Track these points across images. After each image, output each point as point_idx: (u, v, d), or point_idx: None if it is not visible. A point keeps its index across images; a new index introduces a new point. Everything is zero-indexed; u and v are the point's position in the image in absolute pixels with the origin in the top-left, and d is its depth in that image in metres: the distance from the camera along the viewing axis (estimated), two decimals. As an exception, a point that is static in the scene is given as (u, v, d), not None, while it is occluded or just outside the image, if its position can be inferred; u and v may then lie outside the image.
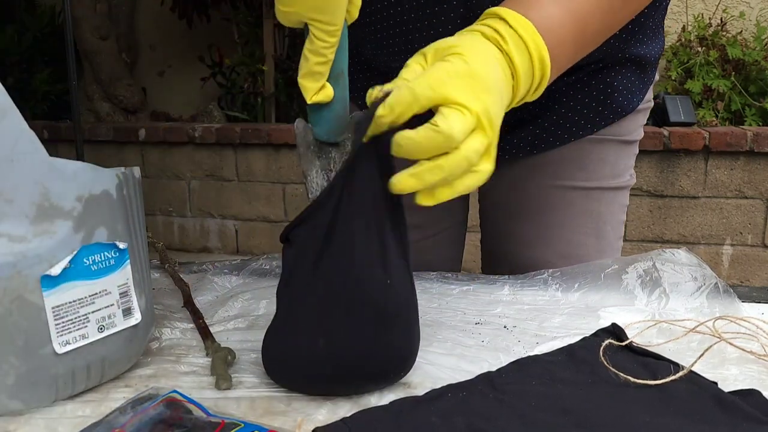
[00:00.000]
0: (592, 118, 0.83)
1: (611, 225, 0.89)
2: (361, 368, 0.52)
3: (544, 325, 0.66)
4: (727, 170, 2.67)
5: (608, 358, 0.53)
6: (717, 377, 0.53)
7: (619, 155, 0.87)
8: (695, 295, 0.71)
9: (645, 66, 0.84)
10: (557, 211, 0.87)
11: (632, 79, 0.83)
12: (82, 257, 0.51)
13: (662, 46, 0.86)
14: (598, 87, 0.82)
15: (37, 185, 0.48)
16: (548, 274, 0.78)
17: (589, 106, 0.82)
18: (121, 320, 0.54)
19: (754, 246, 2.73)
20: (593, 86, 0.82)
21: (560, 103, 0.82)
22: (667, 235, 2.77)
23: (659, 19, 0.83)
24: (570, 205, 0.87)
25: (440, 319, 0.68)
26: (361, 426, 0.46)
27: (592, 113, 0.83)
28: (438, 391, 0.51)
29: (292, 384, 0.54)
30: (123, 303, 0.54)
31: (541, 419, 0.47)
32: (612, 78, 0.82)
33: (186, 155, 3.22)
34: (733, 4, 3.17)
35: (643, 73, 0.84)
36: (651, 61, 0.84)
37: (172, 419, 0.45)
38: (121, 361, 0.56)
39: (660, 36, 0.85)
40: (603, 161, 0.86)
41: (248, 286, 0.78)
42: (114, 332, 0.54)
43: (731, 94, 2.90)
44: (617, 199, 0.89)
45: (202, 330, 0.65)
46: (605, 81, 0.81)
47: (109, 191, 0.53)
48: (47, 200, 0.48)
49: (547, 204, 0.87)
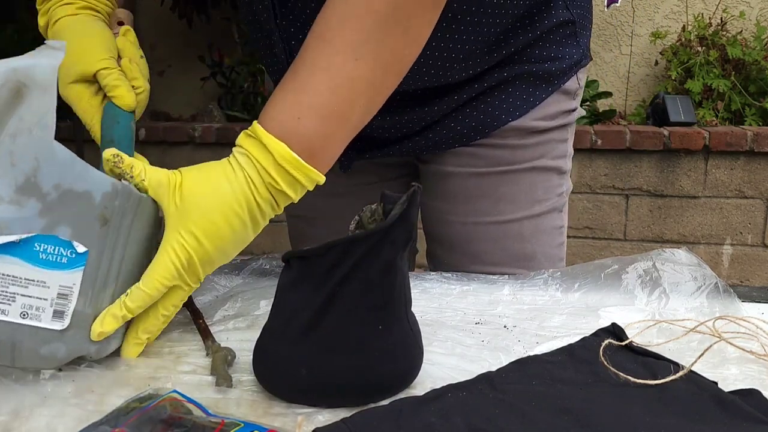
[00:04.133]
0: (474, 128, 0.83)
1: (542, 253, 0.88)
2: (352, 393, 0.52)
3: (544, 325, 0.66)
4: (727, 170, 2.67)
5: (608, 358, 0.53)
6: (717, 377, 0.53)
7: (533, 181, 0.86)
8: (695, 295, 0.71)
9: (543, 80, 0.83)
10: (479, 242, 0.87)
11: (522, 96, 0.82)
12: (34, 241, 0.51)
13: (576, 56, 0.84)
14: (481, 106, 0.82)
15: (34, 160, 0.50)
16: (548, 274, 0.78)
17: (470, 124, 0.83)
18: (48, 318, 0.53)
19: (754, 246, 2.73)
20: (478, 104, 0.82)
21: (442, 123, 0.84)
22: (667, 235, 2.77)
23: (564, 34, 0.82)
24: (491, 238, 0.87)
25: (440, 319, 0.68)
26: (361, 426, 0.45)
27: (473, 127, 0.83)
28: (438, 391, 0.51)
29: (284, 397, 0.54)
30: (58, 304, 0.53)
31: (541, 419, 0.47)
32: (498, 94, 0.82)
33: (186, 155, 3.22)
34: (733, 4, 3.17)
35: (537, 90, 0.83)
36: (553, 75, 0.83)
37: (172, 419, 0.45)
38: (32, 357, 0.54)
39: (571, 47, 0.84)
40: (516, 192, 0.85)
41: (248, 285, 0.78)
42: (35, 325, 0.53)
43: (731, 94, 2.90)
44: (542, 225, 0.88)
45: (202, 330, 0.65)
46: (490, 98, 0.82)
47: (92, 194, 0.52)
48: (34, 176, 0.51)
49: (469, 237, 0.87)
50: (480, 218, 0.86)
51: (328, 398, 0.51)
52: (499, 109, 0.82)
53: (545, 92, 0.83)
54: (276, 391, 0.53)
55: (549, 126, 0.85)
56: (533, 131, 0.84)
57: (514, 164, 0.85)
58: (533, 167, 0.85)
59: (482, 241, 0.87)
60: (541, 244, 0.88)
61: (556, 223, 0.89)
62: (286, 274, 0.53)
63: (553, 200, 0.88)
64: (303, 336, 0.51)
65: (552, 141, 0.86)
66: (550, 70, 0.82)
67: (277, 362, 0.52)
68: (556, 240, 0.90)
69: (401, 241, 0.51)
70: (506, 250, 0.87)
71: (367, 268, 0.50)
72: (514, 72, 0.81)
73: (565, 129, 0.88)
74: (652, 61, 3.27)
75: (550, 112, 0.84)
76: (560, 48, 0.82)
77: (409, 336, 0.54)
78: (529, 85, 0.82)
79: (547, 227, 0.88)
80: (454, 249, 0.89)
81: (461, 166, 0.86)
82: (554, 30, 0.81)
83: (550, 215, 0.88)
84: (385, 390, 0.52)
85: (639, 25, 3.29)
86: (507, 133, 0.83)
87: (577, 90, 0.88)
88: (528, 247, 0.87)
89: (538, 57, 0.81)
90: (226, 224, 0.58)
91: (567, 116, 0.87)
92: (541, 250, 0.88)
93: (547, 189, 0.87)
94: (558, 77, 0.84)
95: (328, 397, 0.51)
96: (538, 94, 0.83)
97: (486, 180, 0.85)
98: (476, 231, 0.87)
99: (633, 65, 3.33)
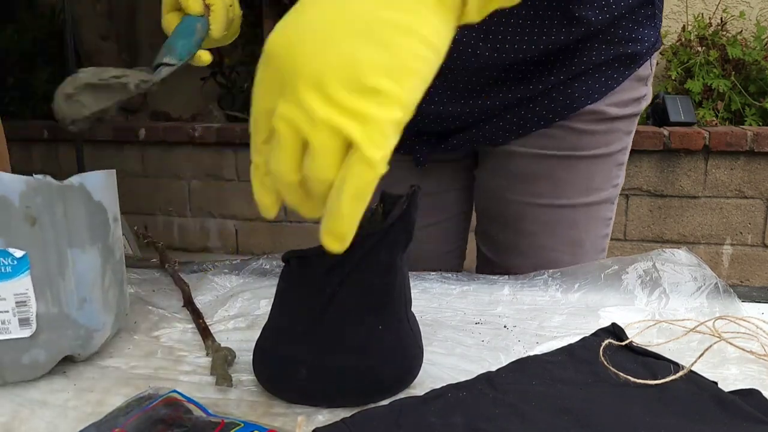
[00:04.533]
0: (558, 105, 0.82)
1: (589, 240, 0.89)
2: (352, 393, 0.52)
3: (544, 325, 0.66)
4: (727, 170, 2.67)
5: (608, 358, 0.53)
6: (717, 377, 0.53)
7: (592, 170, 0.86)
8: (695, 295, 0.71)
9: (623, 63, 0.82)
10: (533, 224, 0.88)
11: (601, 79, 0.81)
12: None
13: (653, 38, 0.83)
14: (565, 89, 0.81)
15: None
16: (548, 275, 0.78)
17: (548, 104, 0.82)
18: (16, 328, 0.54)
19: (754, 246, 2.73)
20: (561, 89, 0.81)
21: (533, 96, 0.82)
22: (667, 235, 2.77)
23: (650, 11, 0.81)
24: (544, 220, 0.87)
25: (440, 319, 0.68)
26: (361, 426, 0.46)
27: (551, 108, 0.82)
28: (438, 391, 0.51)
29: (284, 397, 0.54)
30: (19, 312, 0.54)
31: (541, 419, 0.47)
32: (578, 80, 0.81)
33: (186, 155, 3.22)
34: (733, 4, 3.17)
35: (615, 72, 0.82)
36: (630, 57, 0.81)
37: (172, 419, 0.45)
38: (17, 369, 0.55)
39: (650, 28, 0.82)
40: (575, 178, 0.86)
41: (248, 285, 0.78)
42: (7, 338, 0.54)
43: (731, 94, 2.90)
44: (595, 214, 0.88)
45: (202, 330, 0.65)
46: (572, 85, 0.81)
47: (8, 197, 0.52)
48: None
49: (524, 216, 0.88)
50: (537, 199, 0.87)
51: (328, 398, 0.51)
52: (578, 92, 0.81)
53: (623, 75, 0.82)
54: (276, 391, 0.53)
55: (619, 114, 0.84)
56: (604, 118, 0.84)
57: (579, 150, 0.84)
58: (596, 155, 0.85)
59: (536, 222, 0.88)
60: (591, 233, 0.89)
61: (607, 214, 0.90)
62: (286, 274, 0.53)
63: (609, 191, 0.88)
64: (303, 336, 0.51)
65: (619, 131, 0.86)
66: (627, 52, 0.81)
67: (278, 362, 0.52)
68: (604, 230, 0.91)
69: (401, 241, 0.51)
70: (557, 234, 0.88)
71: (366, 269, 0.50)
72: (594, 54, 0.80)
73: (633, 120, 0.87)
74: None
75: (623, 99, 0.84)
76: (640, 29, 0.81)
77: (409, 336, 0.54)
78: (608, 67, 0.81)
79: (599, 216, 0.89)
80: (508, 226, 0.90)
81: (525, 146, 0.85)
82: (635, 10, 0.79)
83: (604, 205, 0.89)
84: (386, 390, 0.52)
85: (639, 25, 3.29)
86: (579, 117, 0.83)
87: (649, 76, 0.86)
88: (579, 234, 0.88)
89: (621, 37, 0.80)
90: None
91: (637, 105, 0.86)
92: (590, 238, 0.88)
93: (605, 179, 0.87)
94: (635, 60, 0.82)
95: (328, 397, 0.51)
96: (616, 77, 0.82)
97: (548, 162, 0.85)
98: (532, 211, 0.88)
99: (633, 65, 3.32)
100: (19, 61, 3.75)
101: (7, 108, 3.57)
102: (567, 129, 0.84)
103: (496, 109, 0.84)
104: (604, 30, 0.79)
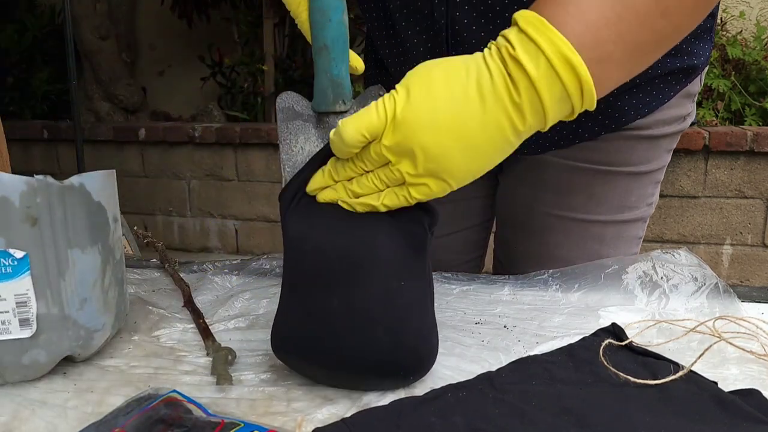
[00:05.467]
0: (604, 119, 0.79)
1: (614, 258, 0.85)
2: (372, 367, 0.52)
3: (544, 325, 0.66)
4: (727, 170, 2.67)
5: (608, 358, 0.53)
6: (717, 377, 0.53)
7: (629, 187, 0.82)
8: (695, 295, 0.71)
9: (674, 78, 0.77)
10: (559, 236, 0.85)
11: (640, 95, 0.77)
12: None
13: (707, 53, 0.78)
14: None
15: None
16: (548, 275, 0.78)
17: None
18: (16, 329, 0.54)
19: (754, 246, 2.73)
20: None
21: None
22: (667, 235, 2.77)
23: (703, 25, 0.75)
24: (572, 234, 0.85)
25: (440, 319, 0.68)
26: (361, 426, 0.46)
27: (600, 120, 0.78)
28: (438, 391, 0.51)
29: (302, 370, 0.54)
30: (20, 313, 0.54)
31: (541, 419, 0.47)
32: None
33: (186, 155, 3.22)
34: (733, 4, 3.17)
35: (667, 86, 0.77)
36: (682, 72, 0.77)
37: (172, 419, 0.45)
38: (18, 369, 0.55)
39: (706, 41, 0.77)
40: (611, 194, 0.82)
41: (248, 285, 0.78)
42: (8, 338, 0.54)
43: (731, 94, 2.90)
44: (625, 232, 0.85)
45: (202, 330, 0.65)
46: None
47: (9, 198, 0.52)
48: None
49: (551, 228, 0.86)
50: (567, 212, 0.84)
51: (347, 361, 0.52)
52: (628, 105, 0.77)
53: (674, 90, 0.78)
54: (301, 356, 0.53)
55: (664, 131, 0.81)
56: (649, 135, 0.80)
57: (619, 165, 0.81)
58: (636, 172, 0.82)
59: (562, 235, 0.85)
60: (620, 251, 0.85)
61: (638, 233, 0.87)
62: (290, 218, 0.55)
63: (643, 209, 0.85)
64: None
65: (660, 148, 0.82)
66: (683, 67, 0.76)
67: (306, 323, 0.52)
68: (633, 249, 0.87)
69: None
70: (583, 249, 0.85)
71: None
72: (649, 68, 0.76)
73: (676, 137, 0.83)
74: (652, 61, 3.26)
75: (670, 115, 0.80)
76: (698, 42, 0.76)
77: (434, 323, 0.57)
78: (661, 81, 0.77)
79: (629, 235, 0.86)
80: (533, 237, 0.87)
81: (563, 157, 0.82)
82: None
83: (635, 224, 0.86)
84: (418, 369, 0.53)
85: (639, 25, 3.29)
86: (624, 131, 0.79)
87: (697, 92, 0.83)
88: (606, 251, 0.84)
89: (677, 50, 0.75)
90: (443, 82, 0.48)
91: (681, 122, 0.82)
92: (617, 256, 0.83)
93: (641, 197, 0.84)
94: (688, 75, 0.78)
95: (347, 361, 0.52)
96: (668, 91, 0.78)
97: (585, 175, 0.82)
98: (560, 224, 0.85)
99: (633, 65, 3.32)
100: (19, 61, 3.76)
101: (7, 108, 3.57)
102: (610, 142, 0.80)
103: None
104: None
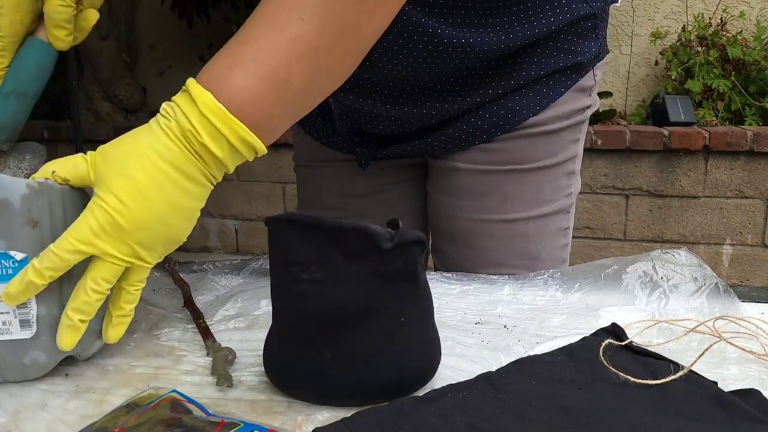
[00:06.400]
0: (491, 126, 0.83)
1: (545, 252, 0.88)
2: (373, 385, 0.52)
3: (544, 325, 0.66)
4: (727, 170, 2.67)
5: (608, 358, 0.53)
6: (717, 377, 0.53)
7: (540, 182, 0.85)
8: (695, 295, 0.71)
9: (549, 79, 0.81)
10: (485, 239, 0.87)
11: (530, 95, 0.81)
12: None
13: (594, 49, 0.82)
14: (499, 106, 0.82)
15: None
16: (548, 275, 0.78)
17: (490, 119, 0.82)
18: (17, 329, 0.54)
19: (754, 246, 2.73)
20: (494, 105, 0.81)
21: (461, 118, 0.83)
22: (667, 235, 2.77)
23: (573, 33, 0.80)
24: (496, 236, 0.87)
25: (440, 319, 0.68)
26: (361, 426, 0.46)
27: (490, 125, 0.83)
28: (438, 391, 0.51)
29: (299, 396, 0.53)
30: (20, 314, 0.54)
31: (541, 419, 0.47)
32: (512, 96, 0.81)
33: (186, 155, 3.22)
34: (733, 4, 3.17)
35: (556, 84, 0.81)
36: (571, 69, 0.81)
37: (172, 419, 0.45)
38: (18, 369, 0.55)
39: (591, 40, 0.82)
40: (523, 191, 0.85)
41: (248, 285, 0.78)
42: (9, 339, 0.54)
43: (731, 94, 2.90)
44: (548, 226, 0.87)
45: (202, 330, 0.65)
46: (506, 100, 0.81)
47: (9, 200, 0.52)
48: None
49: (475, 232, 0.87)
50: (486, 215, 0.86)
51: (346, 390, 0.51)
52: (519, 105, 0.81)
53: (564, 86, 0.82)
54: (298, 389, 0.53)
55: (562, 126, 0.84)
56: (546, 131, 0.83)
57: (523, 163, 0.84)
58: (542, 167, 0.84)
59: (487, 238, 0.87)
60: (546, 245, 0.88)
61: (562, 224, 0.89)
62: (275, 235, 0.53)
63: (561, 201, 0.87)
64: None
65: (563, 140, 0.85)
66: (568, 65, 0.81)
67: (298, 351, 0.52)
68: (561, 241, 0.90)
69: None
70: (511, 249, 0.87)
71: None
72: (533, 67, 0.80)
73: (578, 128, 0.87)
74: (652, 61, 3.26)
75: (565, 111, 0.83)
76: (581, 41, 0.81)
77: (435, 335, 0.56)
78: (548, 79, 0.81)
79: (552, 228, 0.88)
80: (459, 244, 0.89)
81: (470, 162, 0.85)
82: (575, 24, 0.79)
83: (557, 216, 0.88)
84: (404, 386, 0.53)
85: (639, 25, 3.29)
86: (520, 130, 0.82)
87: (593, 86, 0.86)
88: (533, 247, 0.87)
89: (561, 50, 0.80)
90: (148, 179, 0.52)
91: (580, 114, 0.86)
92: (546, 250, 0.88)
93: (555, 189, 0.86)
94: (576, 72, 0.82)
95: (346, 390, 0.51)
96: (558, 88, 0.81)
97: (493, 177, 0.85)
98: (482, 228, 0.87)
99: (633, 65, 3.32)
100: (19, 61, 3.75)
101: (7, 108, 3.56)
102: (509, 143, 0.83)
103: (434, 119, 0.83)
104: (543, 44, 0.79)
